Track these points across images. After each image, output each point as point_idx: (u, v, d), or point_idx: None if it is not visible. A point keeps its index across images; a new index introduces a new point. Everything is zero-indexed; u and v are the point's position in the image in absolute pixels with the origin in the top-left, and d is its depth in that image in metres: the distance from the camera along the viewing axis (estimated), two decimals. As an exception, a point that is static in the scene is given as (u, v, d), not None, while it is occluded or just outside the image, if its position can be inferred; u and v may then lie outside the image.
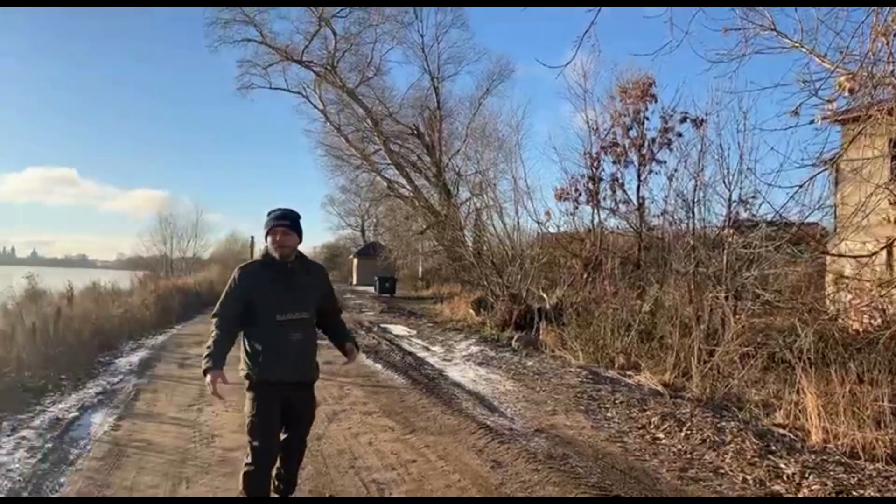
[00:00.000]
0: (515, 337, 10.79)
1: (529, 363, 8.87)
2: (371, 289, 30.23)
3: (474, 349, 10.40)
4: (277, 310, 3.12)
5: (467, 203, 22.80)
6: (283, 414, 3.18)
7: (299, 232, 3.25)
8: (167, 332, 12.63)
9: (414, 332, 13.40)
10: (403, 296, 28.10)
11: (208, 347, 3.14)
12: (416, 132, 26.59)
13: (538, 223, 13.85)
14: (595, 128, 12.47)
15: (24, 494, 3.82)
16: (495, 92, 25.68)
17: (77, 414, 5.79)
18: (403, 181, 27.38)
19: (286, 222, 3.19)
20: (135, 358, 9.22)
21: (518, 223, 14.58)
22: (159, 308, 14.58)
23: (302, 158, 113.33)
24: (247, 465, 3.15)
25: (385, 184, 28.70)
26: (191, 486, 3.97)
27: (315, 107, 28.00)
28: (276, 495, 3.30)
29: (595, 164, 12.24)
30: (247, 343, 3.18)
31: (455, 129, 26.59)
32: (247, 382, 3.16)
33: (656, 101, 11.52)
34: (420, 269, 33.76)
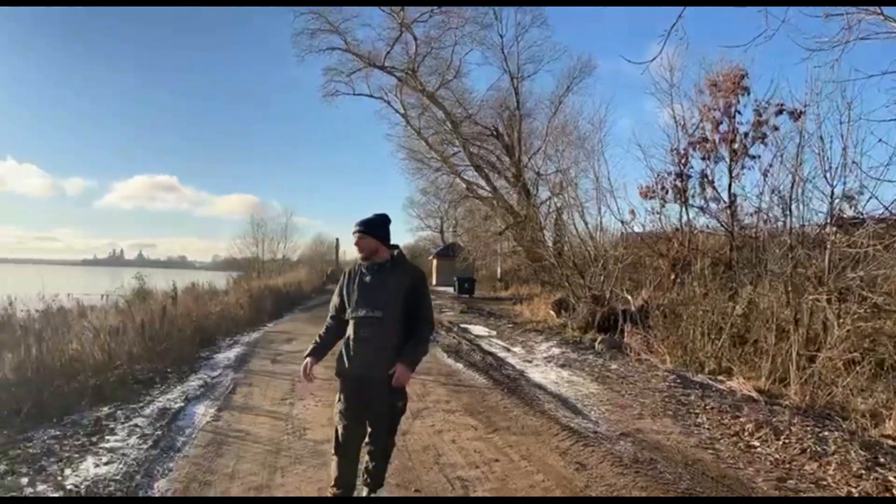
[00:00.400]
0: (599, 339, 10.59)
1: (613, 366, 8.68)
2: (450, 289, 30.47)
3: (556, 351, 10.29)
4: (353, 307, 3.39)
5: (547, 203, 22.59)
6: (365, 408, 3.36)
7: (376, 236, 3.44)
8: (260, 329, 13.30)
9: (493, 332, 13.42)
10: (482, 296, 28.15)
11: (315, 339, 3.57)
12: (495, 133, 26.57)
13: (622, 222, 13.48)
14: (682, 123, 11.98)
15: (138, 478, 4.14)
16: (576, 89, 25.19)
17: (182, 405, 6.23)
18: (482, 182, 27.42)
19: (359, 228, 3.43)
20: (231, 354, 9.78)
21: (601, 223, 14.27)
22: (252, 307, 15.36)
23: (384, 162, 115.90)
24: (332, 453, 3.40)
25: (464, 185, 28.85)
26: (285, 476, 4.19)
27: (396, 111, 28.59)
28: (365, 487, 3.45)
29: (683, 161, 11.76)
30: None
31: (535, 128, 26.35)
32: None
33: (749, 94, 10.91)
34: (499, 270, 33.68)
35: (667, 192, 11.88)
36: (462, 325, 14.68)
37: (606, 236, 14.25)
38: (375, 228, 3.44)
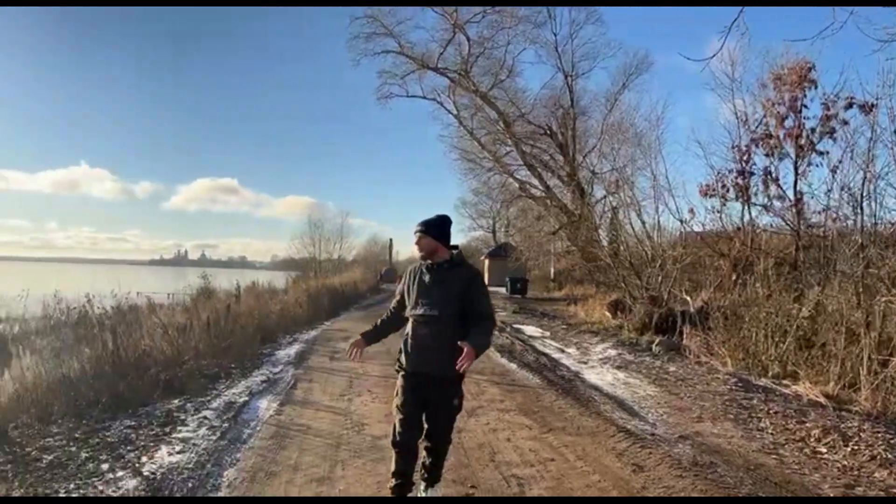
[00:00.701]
0: (656, 341, 10.38)
1: (672, 368, 8.51)
2: (502, 289, 30.41)
3: (611, 352, 10.16)
4: (412, 306, 3.50)
5: (602, 202, 22.26)
6: (423, 405, 3.46)
7: (435, 236, 3.51)
8: (318, 327, 13.67)
9: (547, 333, 13.34)
10: (535, 297, 28.00)
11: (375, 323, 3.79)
12: (548, 132, 26.36)
13: (681, 221, 13.16)
14: (744, 119, 11.59)
15: (209, 467, 4.36)
16: (632, 86, 24.70)
17: (246, 399, 6.50)
18: (535, 182, 27.26)
19: (420, 228, 3.53)
20: (291, 351, 10.10)
21: (658, 222, 13.96)
22: (310, 306, 15.81)
23: (437, 163, 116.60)
24: (391, 446, 3.51)
25: (517, 185, 28.75)
26: (346, 469, 4.33)
27: (449, 112, 28.78)
28: (422, 482, 3.55)
29: (745, 158, 11.36)
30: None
31: (589, 126, 26.00)
32: None
33: (816, 87, 10.43)
34: (552, 270, 33.38)
35: (728, 190, 11.52)
36: (515, 326, 14.66)
37: (664, 236, 13.95)
38: (435, 229, 3.53)
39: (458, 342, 3.25)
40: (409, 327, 3.53)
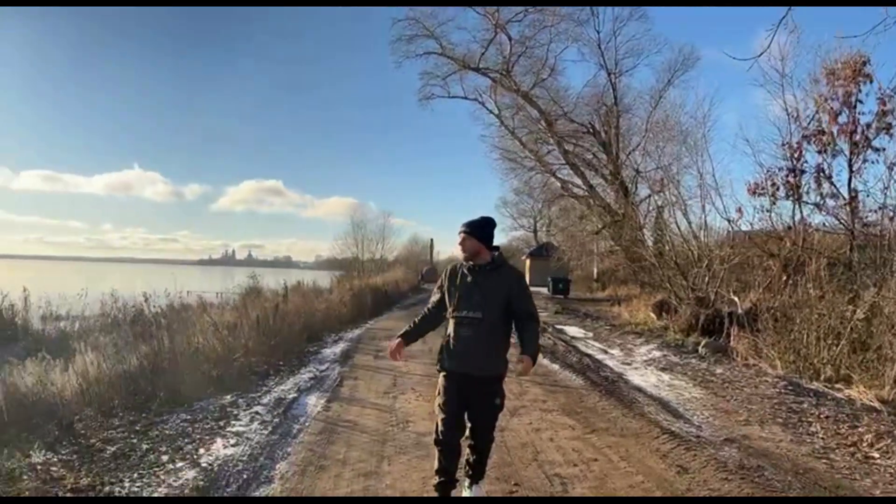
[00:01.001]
0: (703, 343, 10.21)
1: (718, 371, 8.36)
2: (544, 289, 30.22)
3: (656, 354, 10.04)
4: (454, 307, 3.52)
5: (647, 201, 21.89)
6: (465, 404, 3.51)
7: (480, 237, 3.55)
8: (362, 326, 13.92)
9: (590, 334, 13.25)
10: (577, 297, 27.76)
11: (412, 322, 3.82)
12: (591, 130, 26.07)
13: (728, 221, 12.85)
14: (795, 115, 11.21)
15: (262, 459, 4.56)
16: (677, 83, 24.12)
17: (295, 395, 6.71)
18: (578, 181, 26.99)
19: (465, 229, 3.56)
20: (337, 349, 10.34)
21: (705, 221, 13.66)
22: (354, 305, 16.10)
23: (477, 163, 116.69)
24: (433, 444, 3.58)
25: (559, 184, 28.53)
26: (392, 464, 4.45)
27: (490, 112, 28.72)
28: (466, 479, 3.61)
29: (795, 155, 11.02)
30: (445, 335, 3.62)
31: (633, 124, 25.52)
32: None
33: (871, 82, 10.06)
34: (595, 270, 32.98)
35: (777, 189, 11.20)
36: (557, 326, 14.60)
37: (711, 235, 13.65)
38: (479, 230, 3.56)
39: (518, 356, 3.43)
40: (450, 328, 3.56)
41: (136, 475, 4.17)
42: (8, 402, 5.04)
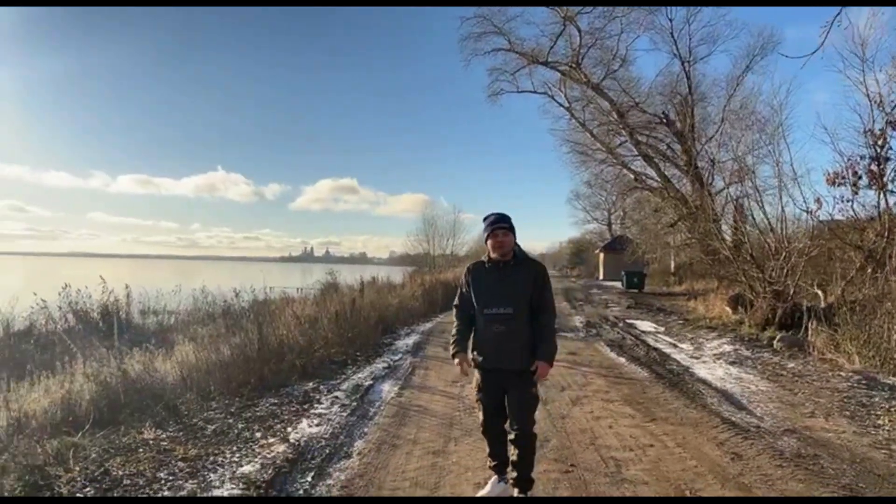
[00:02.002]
0: (778, 337, 10.00)
1: (790, 365, 8.23)
2: (618, 284, 29.81)
3: (727, 348, 9.93)
4: (485, 304, 3.62)
5: (723, 192, 21.20)
6: (501, 397, 3.66)
7: (514, 232, 3.67)
8: (433, 320, 14.43)
9: (661, 328, 13.15)
10: (652, 291, 27.22)
11: (453, 336, 3.84)
12: (664, 120, 25.46)
13: (807, 212, 12.40)
14: (878, 101, 10.70)
15: (342, 437, 5.07)
16: (756, 68, 23.15)
17: (371, 382, 7.24)
18: (651, 172, 26.46)
19: (504, 225, 3.61)
20: (409, 341, 10.86)
21: (783, 212, 13.21)
22: (426, 299, 16.64)
23: (546, 157, 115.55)
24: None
25: (632, 176, 28.05)
26: (458, 444, 4.85)
27: (560, 104, 28.60)
28: (515, 489, 3.67)
29: (879, 143, 10.54)
30: (474, 331, 3.77)
31: (708, 113, 24.76)
32: None
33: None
34: (672, 264, 32.16)
35: (859, 178, 10.76)
36: (628, 321, 14.55)
37: (789, 227, 13.19)
38: (512, 225, 3.69)
39: (536, 362, 3.49)
40: (482, 325, 3.66)
41: (234, 448, 4.76)
42: (124, 387, 5.82)
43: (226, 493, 3.85)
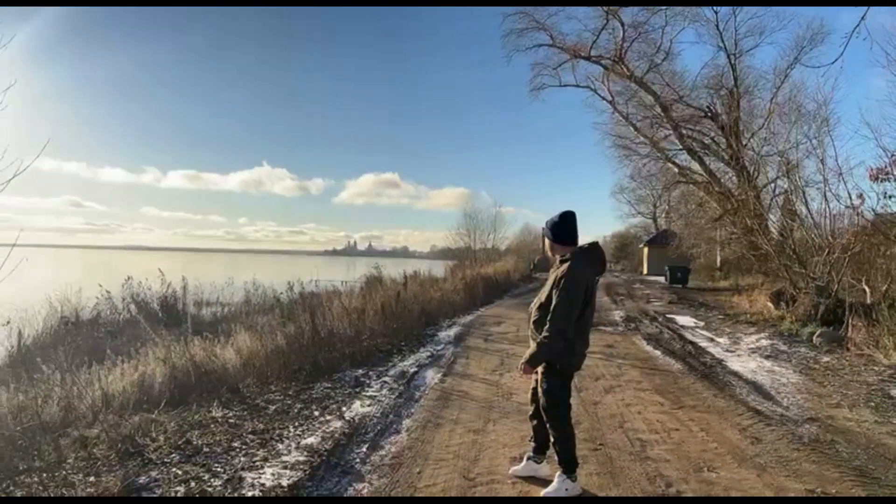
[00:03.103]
0: (818, 332, 10.08)
1: (825, 359, 8.39)
2: (662, 279, 29.65)
3: (764, 342, 10.08)
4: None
5: (769, 187, 20.93)
6: (534, 389, 4.02)
7: (548, 235, 3.94)
8: (474, 313, 14.90)
9: (701, 323, 13.28)
10: (697, 287, 27.01)
11: None
12: (709, 114, 25.24)
13: (852, 207, 12.32)
14: (924, 95, 10.62)
15: (391, 416, 5.61)
16: (805, 59, 22.63)
17: (416, 370, 7.78)
18: (695, 166, 26.24)
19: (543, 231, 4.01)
20: (451, 332, 11.37)
21: (828, 208, 13.13)
22: (467, 293, 17.11)
23: (589, 151, 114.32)
24: None
25: (676, 170, 27.86)
26: (496, 425, 5.32)
27: (603, 98, 28.67)
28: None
29: (925, 137, 10.47)
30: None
31: (754, 106, 24.36)
32: None
33: None
34: (718, 259, 31.73)
35: (905, 174, 10.68)
36: (668, 316, 14.70)
37: (833, 222, 13.10)
38: (548, 230, 3.98)
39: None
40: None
41: (297, 424, 5.35)
42: (192, 370, 6.50)
43: (292, 460, 4.42)
